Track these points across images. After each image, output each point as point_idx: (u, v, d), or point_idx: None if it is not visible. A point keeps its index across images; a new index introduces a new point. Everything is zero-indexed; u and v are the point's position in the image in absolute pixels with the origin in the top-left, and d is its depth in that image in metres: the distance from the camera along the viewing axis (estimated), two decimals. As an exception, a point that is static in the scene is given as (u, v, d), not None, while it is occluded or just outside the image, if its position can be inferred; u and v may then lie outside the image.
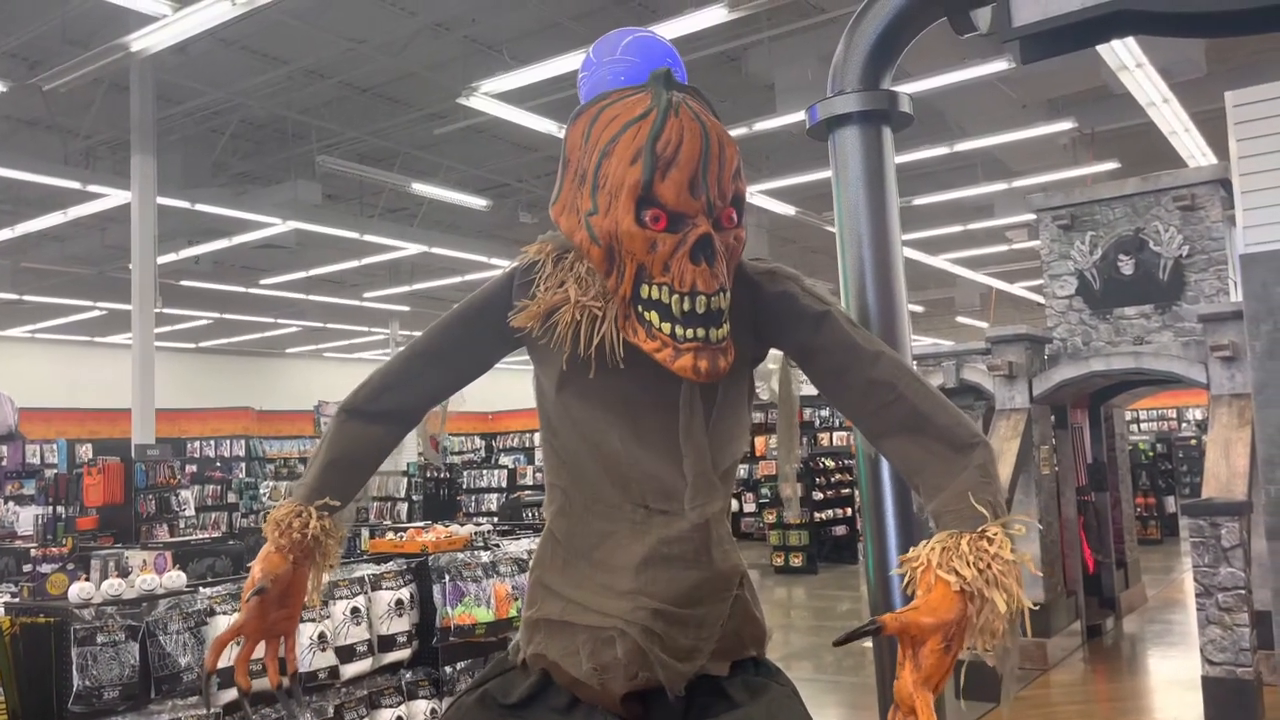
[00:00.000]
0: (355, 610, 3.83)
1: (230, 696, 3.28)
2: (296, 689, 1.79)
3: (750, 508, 16.55)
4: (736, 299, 1.61)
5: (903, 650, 1.39)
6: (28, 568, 7.34)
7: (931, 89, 9.72)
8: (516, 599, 4.23)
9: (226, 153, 13.42)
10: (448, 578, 4.10)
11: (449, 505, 14.23)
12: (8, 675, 3.07)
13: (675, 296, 1.51)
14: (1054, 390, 7.93)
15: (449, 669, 4.14)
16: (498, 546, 4.61)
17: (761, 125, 10.65)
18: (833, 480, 14.24)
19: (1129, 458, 10.25)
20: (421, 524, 6.01)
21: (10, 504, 10.96)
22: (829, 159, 2.19)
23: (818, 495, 13.78)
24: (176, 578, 3.51)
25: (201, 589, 3.57)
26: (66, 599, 3.22)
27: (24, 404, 13.65)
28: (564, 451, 1.69)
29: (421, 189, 13.50)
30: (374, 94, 11.89)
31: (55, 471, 11.18)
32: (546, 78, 9.33)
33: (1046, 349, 8.24)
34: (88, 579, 3.38)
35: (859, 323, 1.81)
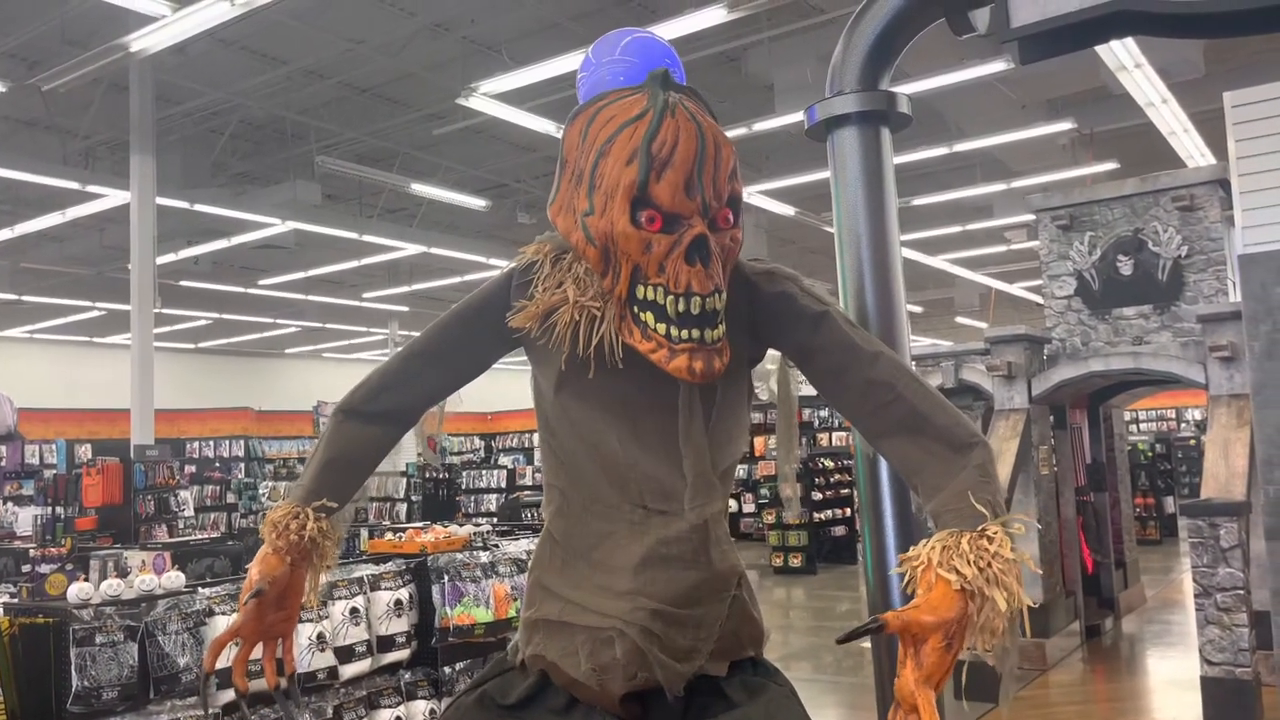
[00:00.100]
0: (354, 610, 3.83)
1: (229, 697, 3.28)
2: (294, 690, 1.78)
3: (749, 508, 16.54)
4: (734, 299, 1.61)
5: (904, 649, 1.40)
6: (27, 568, 7.32)
7: (930, 89, 9.72)
8: (515, 599, 4.23)
9: (225, 153, 13.42)
10: (447, 578, 4.11)
11: (448, 506, 14.24)
12: (6, 676, 3.07)
13: (670, 297, 1.51)
14: (1053, 390, 7.93)
15: (448, 669, 4.14)
16: (497, 547, 4.61)
17: (760, 125, 10.64)
18: (832, 481, 14.24)
19: (1128, 458, 10.26)
20: (420, 524, 6.00)
21: (9, 504, 10.96)
22: (828, 159, 2.19)
23: (817, 496, 13.77)
24: (175, 578, 3.51)
25: (200, 589, 3.57)
26: (65, 599, 3.22)
27: (23, 404, 13.66)
28: (562, 452, 1.69)
29: (420, 189, 13.50)
30: (373, 94, 11.89)
31: (54, 472, 11.18)
32: (545, 78, 9.33)
33: (1045, 349, 8.24)
34: (86, 579, 3.38)
35: (857, 323, 1.80)
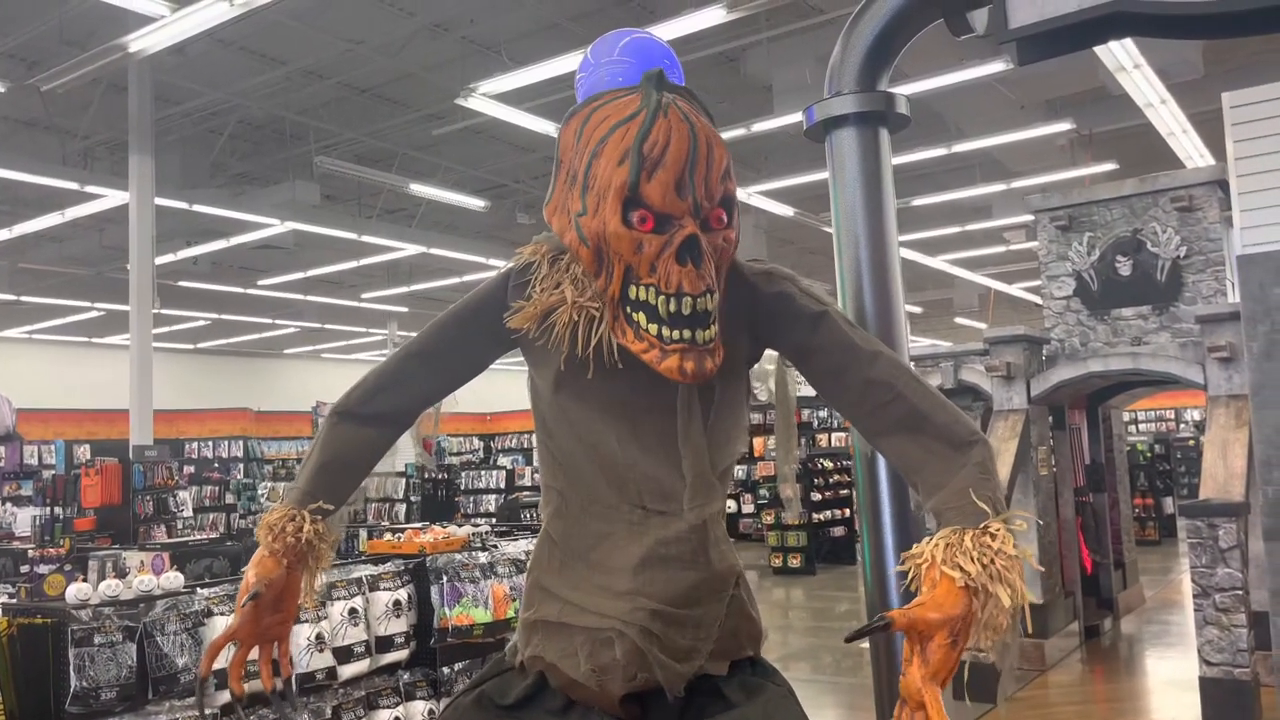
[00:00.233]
0: (353, 611, 3.83)
1: (227, 698, 3.27)
2: (290, 692, 1.78)
3: (749, 509, 16.53)
4: (733, 300, 1.61)
5: (910, 646, 1.40)
6: (25, 569, 7.33)
7: (929, 90, 9.73)
8: (514, 600, 4.23)
9: (224, 153, 13.42)
10: (445, 579, 4.11)
11: (447, 506, 14.25)
12: (5, 676, 3.07)
13: (661, 298, 1.50)
14: (1052, 391, 7.93)
15: (446, 670, 4.14)
16: (495, 547, 4.61)
17: (759, 126, 10.65)
18: (831, 481, 14.23)
19: (1127, 458, 10.26)
20: (419, 525, 6.00)
21: (8, 505, 10.97)
22: (826, 160, 2.19)
23: (816, 496, 13.77)
24: (174, 579, 3.51)
25: (199, 590, 3.57)
26: (64, 600, 3.22)
27: (22, 405, 13.66)
28: (560, 453, 1.69)
29: (419, 190, 13.50)
30: (372, 95, 11.89)
31: (53, 472, 11.21)
32: (545, 78, 9.33)
33: (1044, 350, 8.24)
34: (85, 580, 3.38)
35: (856, 323, 1.80)
